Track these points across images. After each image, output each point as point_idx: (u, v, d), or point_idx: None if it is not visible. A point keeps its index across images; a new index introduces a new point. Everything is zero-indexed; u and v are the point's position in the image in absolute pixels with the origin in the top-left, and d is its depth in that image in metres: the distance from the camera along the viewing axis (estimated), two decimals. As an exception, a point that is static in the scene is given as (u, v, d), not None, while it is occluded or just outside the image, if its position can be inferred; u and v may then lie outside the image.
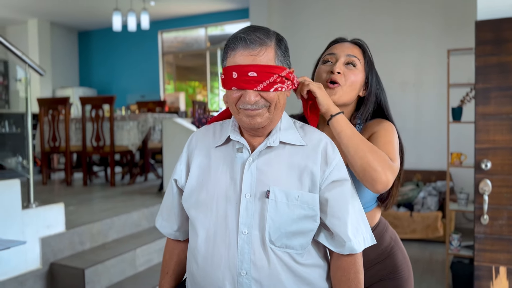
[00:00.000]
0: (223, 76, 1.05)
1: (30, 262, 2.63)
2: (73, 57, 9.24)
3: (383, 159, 1.13)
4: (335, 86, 1.26)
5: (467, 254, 3.16)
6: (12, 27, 8.65)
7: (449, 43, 5.00)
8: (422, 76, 5.48)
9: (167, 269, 1.26)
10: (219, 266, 1.05)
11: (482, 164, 2.74)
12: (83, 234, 3.00)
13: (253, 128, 1.08)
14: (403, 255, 1.36)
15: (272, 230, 1.04)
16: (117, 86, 8.88)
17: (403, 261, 1.35)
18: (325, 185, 1.09)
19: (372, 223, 1.33)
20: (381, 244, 1.32)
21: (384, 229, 1.36)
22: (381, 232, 1.34)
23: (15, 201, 2.55)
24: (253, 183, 1.07)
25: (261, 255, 1.04)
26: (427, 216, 4.70)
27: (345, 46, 1.31)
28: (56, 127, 5.09)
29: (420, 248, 4.56)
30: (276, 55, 1.04)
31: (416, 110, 5.52)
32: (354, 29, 5.72)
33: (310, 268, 1.09)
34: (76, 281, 2.62)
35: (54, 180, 5.73)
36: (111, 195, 4.42)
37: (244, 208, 1.05)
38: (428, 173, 5.39)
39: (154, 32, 8.40)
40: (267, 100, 1.04)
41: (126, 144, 4.88)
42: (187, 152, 1.20)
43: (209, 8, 7.66)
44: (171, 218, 1.24)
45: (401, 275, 1.33)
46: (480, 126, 2.73)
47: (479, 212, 2.76)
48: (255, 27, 1.06)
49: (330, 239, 1.10)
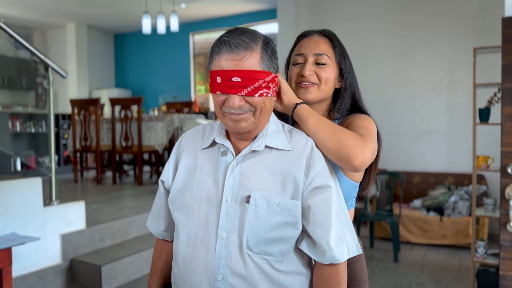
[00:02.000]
0: (210, 80, 1.05)
1: (51, 257, 2.72)
2: (109, 59, 9.53)
3: (353, 135, 1.09)
4: (309, 86, 1.23)
5: (493, 263, 3.01)
6: (52, 31, 9.02)
7: (483, 42, 4.78)
8: (454, 76, 5.27)
9: (155, 268, 1.27)
10: (197, 269, 1.05)
11: (508, 168, 2.61)
12: (103, 231, 3.08)
13: (238, 133, 1.07)
14: (361, 263, 1.32)
15: (250, 235, 1.02)
16: (150, 87, 9.08)
17: (361, 268, 1.31)
18: (307, 191, 1.06)
19: None
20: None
21: None
22: None
23: (36, 198, 2.65)
24: (235, 187, 1.05)
25: (237, 261, 1.02)
26: (458, 221, 4.51)
27: (313, 42, 1.26)
28: (87, 127, 5.26)
29: (449, 254, 4.39)
30: (261, 60, 1.02)
31: (448, 111, 5.31)
32: (384, 29, 5.59)
33: (290, 276, 1.07)
34: (93, 277, 2.70)
35: (87, 178, 5.93)
36: (138, 194, 4.52)
37: (224, 212, 1.04)
38: (460, 177, 5.18)
39: (185, 34, 8.54)
40: (252, 105, 1.02)
41: (153, 144, 4.98)
42: (176, 153, 1.20)
43: (238, 9, 7.70)
44: (160, 219, 1.25)
45: (358, 282, 1.30)
46: (507, 128, 2.60)
47: (505, 219, 2.62)
48: (241, 30, 1.04)
49: (312, 247, 1.07)
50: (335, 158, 1.09)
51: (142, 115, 5.08)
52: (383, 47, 5.59)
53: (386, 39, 5.57)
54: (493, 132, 4.29)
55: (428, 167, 5.39)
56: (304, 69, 1.23)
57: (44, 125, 6.34)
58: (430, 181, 5.29)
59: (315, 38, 1.27)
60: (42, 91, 8.75)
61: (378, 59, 5.56)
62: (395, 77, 5.55)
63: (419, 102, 5.44)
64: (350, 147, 1.06)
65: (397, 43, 5.52)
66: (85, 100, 5.39)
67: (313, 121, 1.12)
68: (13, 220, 2.50)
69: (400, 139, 5.41)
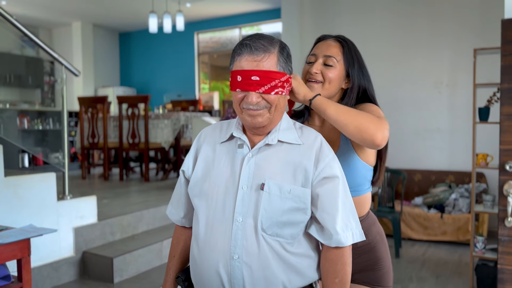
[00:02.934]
0: (230, 79, 1.17)
1: (64, 250, 2.83)
2: (114, 57, 9.63)
3: (371, 117, 1.23)
4: (314, 83, 1.38)
5: (492, 257, 3.10)
6: (58, 29, 9.13)
7: (483, 43, 4.87)
8: (455, 76, 5.36)
9: (174, 252, 1.38)
10: (215, 249, 1.15)
11: (506, 166, 2.69)
12: (114, 225, 3.18)
13: (255, 127, 1.18)
14: (385, 249, 1.44)
15: (264, 219, 1.13)
16: (155, 85, 9.18)
17: (385, 255, 1.43)
18: (317, 180, 1.17)
19: (364, 210, 1.42)
20: (367, 236, 1.39)
21: (372, 223, 1.44)
22: (369, 224, 1.42)
23: (50, 193, 2.76)
24: (250, 176, 1.16)
25: (252, 241, 1.13)
26: (458, 218, 4.60)
27: (325, 45, 1.41)
28: (95, 125, 5.37)
29: (449, 251, 4.48)
30: (278, 61, 1.15)
31: (449, 110, 5.40)
32: (387, 29, 5.67)
33: (299, 257, 1.17)
34: (105, 269, 2.80)
35: (93, 175, 6.03)
36: (144, 190, 4.63)
37: (240, 198, 1.15)
38: (461, 175, 5.26)
39: (190, 33, 8.63)
40: (268, 101, 1.14)
41: (159, 141, 5.09)
42: (196, 146, 1.32)
43: (243, 8, 7.79)
44: (179, 206, 1.36)
45: (382, 267, 1.41)
46: (505, 127, 2.68)
47: (503, 214, 2.71)
48: (260, 35, 1.17)
49: (320, 231, 1.18)
50: (358, 140, 1.23)
51: (148, 113, 5.18)
52: (385, 47, 5.67)
53: (388, 38, 5.66)
54: (493, 130, 4.38)
55: (429, 165, 5.48)
56: (313, 67, 1.38)
57: (52, 122, 6.45)
58: (431, 179, 5.38)
59: (329, 42, 1.42)
60: (48, 88, 8.86)
61: (381, 59, 5.64)
62: (397, 77, 5.64)
63: (420, 101, 5.52)
64: (370, 128, 1.20)
65: (399, 43, 5.60)
66: (93, 98, 5.49)
67: (332, 109, 1.24)
68: (29, 213, 2.61)
69: (402, 138, 5.49)
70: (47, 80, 8.82)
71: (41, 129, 6.28)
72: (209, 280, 1.16)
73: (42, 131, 6.29)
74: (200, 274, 1.19)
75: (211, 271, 1.15)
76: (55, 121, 6.45)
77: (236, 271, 1.13)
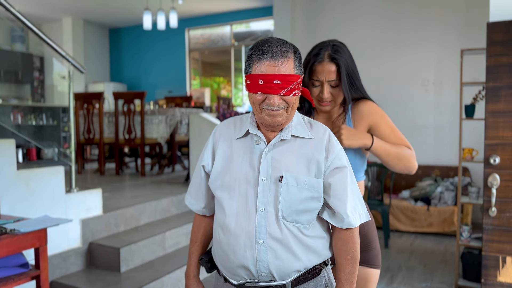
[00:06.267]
0: (249, 82, 1.27)
1: (72, 241, 2.93)
2: (105, 53, 9.64)
3: (408, 154, 1.66)
4: (326, 104, 1.64)
5: (477, 245, 3.30)
6: (48, 25, 9.10)
7: (470, 43, 5.08)
8: (441, 74, 5.58)
9: (195, 238, 1.52)
10: (241, 236, 1.29)
11: (491, 159, 2.89)
12: (118, 218, 3.29)
13: (273, 125, 1.31)
14: (375, 233, 1.69)
15: (284, 208, 1.27)
16: (146, 81, 9.23)
17: (375, 238, 1.68)
18: (328, 171, 1.31)
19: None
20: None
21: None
22: None
23: (59, 186, 2.85)
24: (268, 170, 1.30)
25: (275, 228, 1.27)
26: (444, 210, 4.82)
27: (326, 71, 1.60)
28: (90, 120, 5.43)
29: (436, 241, 4.69)
30: (294, 65, 1.27)
31: (435, 107, 5.62)
32: (375, 27, 5.85)
33: (315, 239, 1.32)
34: (112, 258, 2.91)
35: (88, 170, 6.10)
36: (141, 184, 4.73)
37: (261, 190, 1.29)
38: (446, 169, 5.50)
39: (181, 30, 8.69)
40: (287, 102, 1.27)
41: (155, 137, 5.18)
42: (212, 142, 1.44)
43: (234, 6, 7.89)
44: (199, 197, 1.48)
45: (373, 248, 1.66)
46: (489, 123, 2.88)
47: (488, 205, 2.90)
48: (277, 41, 1.27)
49: (332, 216, 1.33)
50: (400, 172, 1.71)
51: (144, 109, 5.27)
52: (374, 45, 5.86)
53: (377, 37, 5.85)
54: (477, 127, 4.61)
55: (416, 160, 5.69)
56: (323, 93, 1.61)
57: (45, 117, 6.46)
58: (418, 173, 5.60)
59: (327, 67, 1.60)
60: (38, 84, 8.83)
61: (369, 56, 5.83)
62: (385, 74, 5.84)
63: (408, 98, 5.73)
64: (410, 165, 1.67)
65: (387, 41, 5.80)
66: (88, 94, 5.55)
67: (383, 155, 1.64)
68: (39, 205, 2.70)
69: (390, 134, 5.69)
70: (37, 75, 8.79)
71: (35, 124, 6.30)
72: (235, 262, 1.30)
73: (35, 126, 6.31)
74: (227, 258, 1.32)
75: (238, 255, 1.29)
76: (48, 116, 6.46)
77: (261, 254, 1.26)
